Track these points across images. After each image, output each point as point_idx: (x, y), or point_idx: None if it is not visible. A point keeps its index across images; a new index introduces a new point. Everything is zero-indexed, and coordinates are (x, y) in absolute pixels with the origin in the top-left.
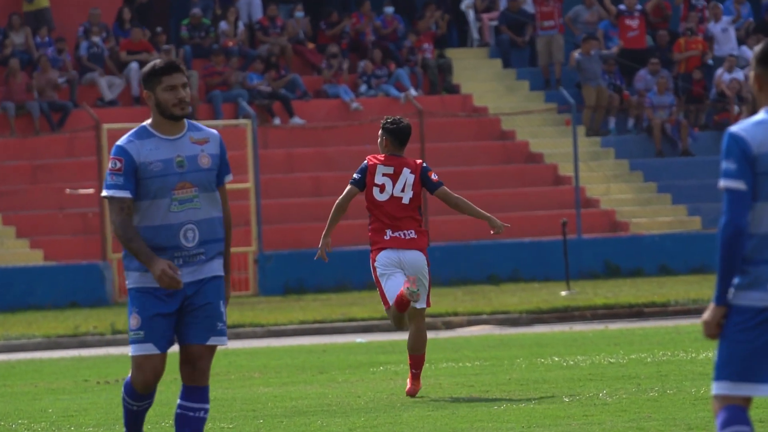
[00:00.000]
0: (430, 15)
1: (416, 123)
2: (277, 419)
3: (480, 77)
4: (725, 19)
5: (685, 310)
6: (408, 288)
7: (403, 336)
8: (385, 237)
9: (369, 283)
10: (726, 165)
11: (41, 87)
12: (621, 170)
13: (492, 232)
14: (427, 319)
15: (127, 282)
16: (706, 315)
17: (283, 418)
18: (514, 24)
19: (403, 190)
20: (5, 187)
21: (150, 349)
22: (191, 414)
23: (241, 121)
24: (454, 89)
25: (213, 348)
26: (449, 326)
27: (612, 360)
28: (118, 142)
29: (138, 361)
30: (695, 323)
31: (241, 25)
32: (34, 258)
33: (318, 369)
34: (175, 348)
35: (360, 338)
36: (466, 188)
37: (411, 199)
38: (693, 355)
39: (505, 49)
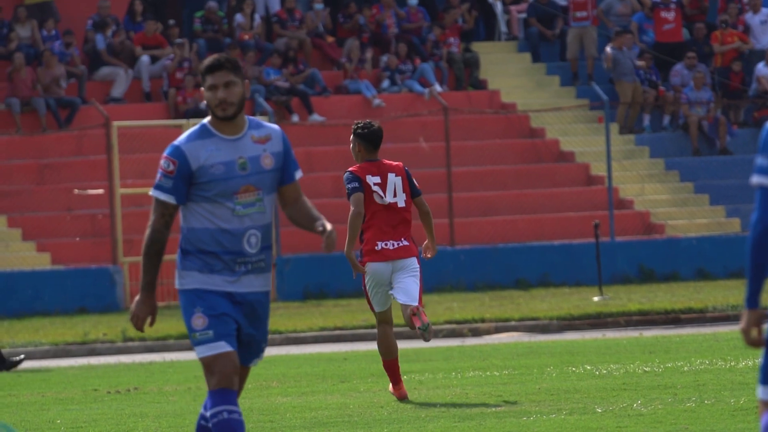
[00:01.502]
0: (456, 7)
1: (441, 120)
2: (296, 430)
3: (508, 72)
4: (765, 11)
5: (723, 316)
6: (419, 327)
7: (428, 344)
8: (375, 248)
9: None
10: (761, 160)
11: (46, 83)
12: (656, 170)
13: (425, 255)
14: (453, 326)
15: (181, 282)
16: (742, 323)
17: (303, 430)
18: (544, 16)
19: (395, 195)
20: (10, 187)
21: (222, 347)
22: (226, 415)
23: (258, 118)
24: (480, 85)
25: (248, 369)
26: (476, 333)
27: (647, 369)
28: (176, 142)
29: (209, 362)
30: (734, 330)
31: (257, 18)
32: (41, 262)
33: (339, 378)
34: (185, 355)
35: None
36: (493, 188)
37: (406, 201)
38: (732, 363)
39: (534, 43)
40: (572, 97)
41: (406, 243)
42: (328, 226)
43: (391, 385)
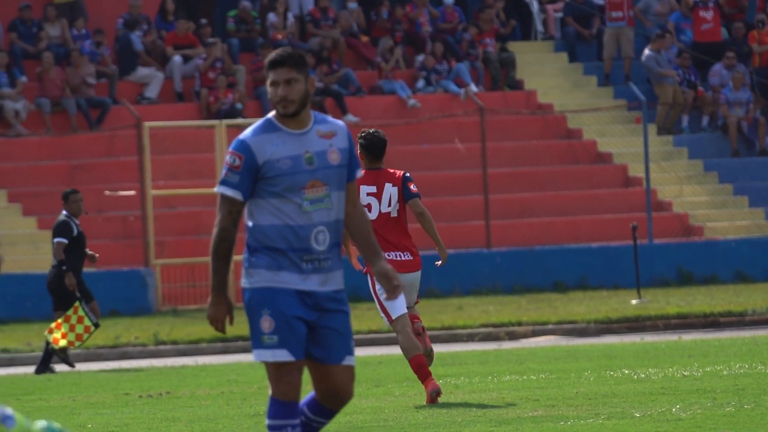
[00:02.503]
0: (492, 7)
1: (477, 121)
2: None
3: (545, 72)
4: None
5: (763, 319)
6: (423, 351)
7: (464, 347)
8: None
9: (427, 290)
10: None
11: (75, 83)
12: (695, 171)
13: (437, 263)
14: (490, 329)
15: (248, 280)
16: None
17: None
18: (581, 15)
19: (389, 205)
20: (41, 188)
21: (285, 356)
22: (315, 425)
23: None
24: (517, 85)
25: (351, 370)
26: (513, 337)
27: (686, 373)
28: (241, 137)
29: (278, 368)
30: None
31: (290, 17)
32: None
33: (374, 382)
34: (218, 359)
35: None
36: (530, 190)
37: (399, 211)
38: None
39: (571, 43)
40: (610, 98)
41: (410, 257)
42: (395, 282)
43: (425, 385)
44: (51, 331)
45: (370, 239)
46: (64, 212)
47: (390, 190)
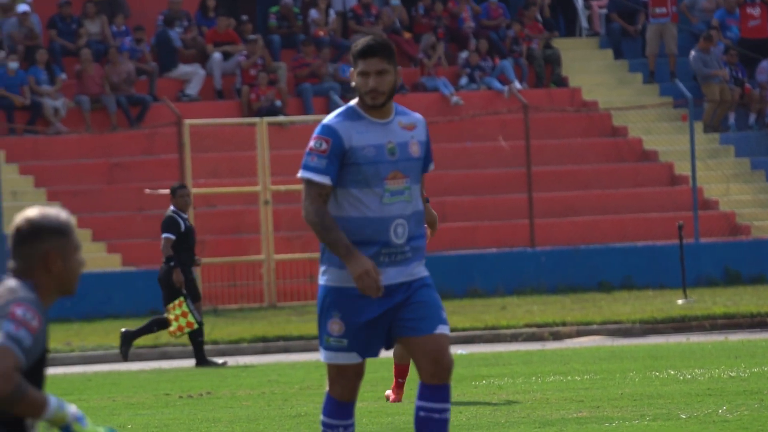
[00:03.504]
0: (537, 3)
1: (521, 118)
2: None
3: (589, 69)
4: None
5: None
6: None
7: (508, 348)
8: None
9: (470, 290)
10: None
11: (114, 80)
12: (741, 169)
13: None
14: (534, 329)
15: (322, 278)
16: None
17: None
18: (625, 11)
19: None
20: (80, 186)
21: (354, 358)
22: (436, 416)
23: None
24: (561, 82)
25: (446, 338)
26: (557, 337)
27: (732, 374)
28: (325, 121)
29: (338, 370)
30: None
31: (332, 14)
32: (112, 263)
33: (416, 382)
34: (258, 359)
35: (460, 349)
36: (574, 188)
37: None
38: None
39: (616, 39)
40: (655, 95)
41: None
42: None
43: (392, 387)
44: (170, 323)
45: (431, 213)
46: (172, 207)
47: None
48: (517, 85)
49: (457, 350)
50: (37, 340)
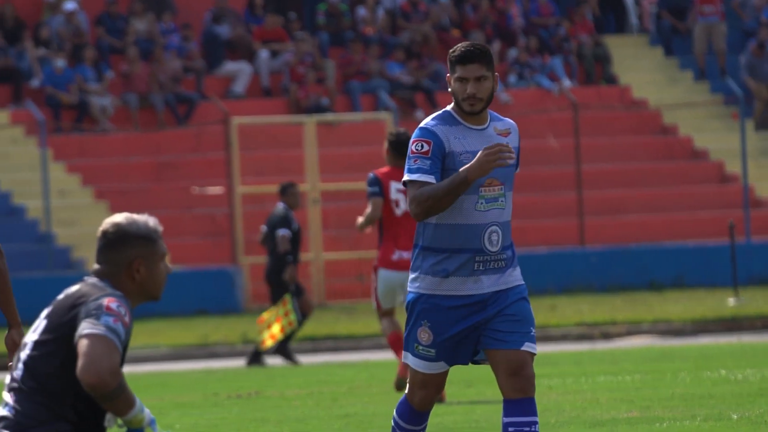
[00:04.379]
0: (588, 1)
1: (570, 117)
2: None
3: (639, 67)
4: None
5: None
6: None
7: (557, 347)
8: (392, 257)
9: None
10: None
11: (160, 79)
12: None
13: None
14: (583, 329)
15: (413, 284)
16: None
17: None
18: (676, 8)
19: None
20: (127, 185)
21: (441, 367)
22: (525, 429)
23: (381, 114)
24: (612, 80)
25: (533, 355)
26: (607, 336)
27: None
28: (423, 125)
29: (424, 378)
30: None
31: (380, 11)
32: None
33: (465, 383)
34: (307, 358)
35: None
36: (624, 186)
37: None
38: None
39: (666, 36)
40: (706, 93)
41: None
42: None
43: (400, 365)
44: (262, 321)
45: None
46: (282, 204)
47: None
48: (567, 83)
49: None
50: (127, 335)
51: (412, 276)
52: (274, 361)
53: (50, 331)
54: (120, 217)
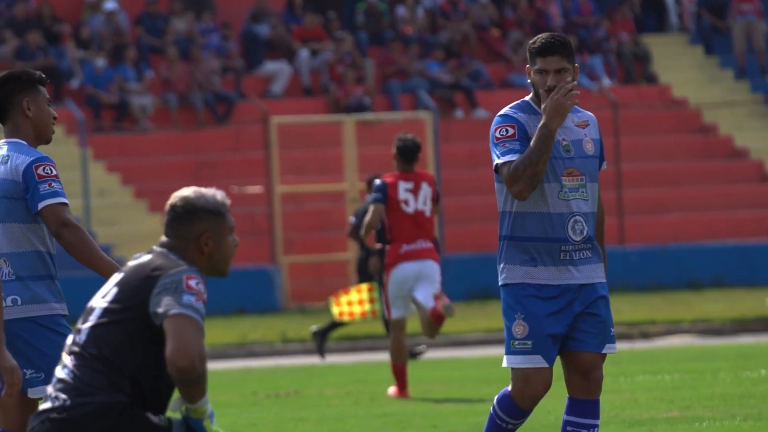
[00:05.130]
0: (628, 0)
1: (610, 116)
2: None
3: (680, 66)
4: None
5: None
6: (444, 306)
7: None
8: (400, 251)
9: None
10: None
11: (198, 78)
12: None
13: None
14: (623, 328)
15: (501, 277)
16: None
17: None
18: (715, 6)
19: (424, 203)
20: (167, 184)
21: (539, 362)
22: (584, 431)
23: (421, 113)
24: (652, 79)
25: (605, 356)
26: (646, 336)
27: None
28: (504, 111)
29: (526, 374)
30: None
31: (420, 10)
32: None
33: (504, 382)
34: (346, 357)
35: None
36: (664, 186)
37: (431, 211)
38: None
39: (706, 35)
40: (746, 92)
41: (429, 245)
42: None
43: (396, 388)
44: (338, 304)
45: (599, 238)
46: (370, 197)
47: (425, 189)
48: (607, 82)
49: None
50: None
51: (501, 267)
52: (312, 360)
53: (121, 300)
54: (188, 191)
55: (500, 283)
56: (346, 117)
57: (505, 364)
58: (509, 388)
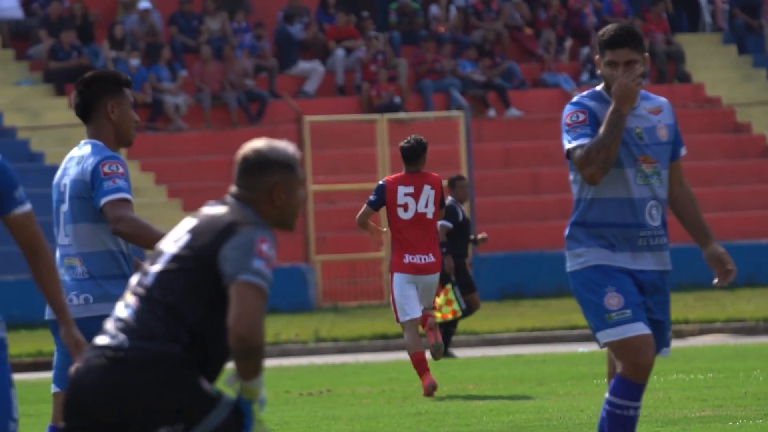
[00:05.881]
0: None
1: None
2: None
3: (713, 65)
4: None
5: None
6: (432, 345)
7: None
8: (404, 260)
9: None
10: None
11: (231, 77)
12: None
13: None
14: None
15: (578, 261)
16: None
17: None
18: (749, 6)
19: (426, 206)
20: (201, 183)
21: (643, 328)
22: (623, 412)
23: (454, 112)
24: (685, 78)
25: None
26: (680, 335)
27: None
28: (575, 99)
29: (634, 344)
30: None
31: (453, 10)
32: None
33: (537, 381)
34: (379, 356)
35: (582, 347)
36: (696, 185)
37: (434, 214)
38: None
39: (739, 34)
40: None
41: (432, 259)
42: (729, 266)
43: (422, 380)
44: (439, 309)
45: (699, 220)
46: (450, 197)
47: (428, 192)
48: None
49: (578, 348)
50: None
51: (576, 252)
52: (345, 358)
53: (192, 249)
54: (260, 143)
55: (577, 268)
56: (379, 116)
57: (606, 339)
58: (619, 370)
